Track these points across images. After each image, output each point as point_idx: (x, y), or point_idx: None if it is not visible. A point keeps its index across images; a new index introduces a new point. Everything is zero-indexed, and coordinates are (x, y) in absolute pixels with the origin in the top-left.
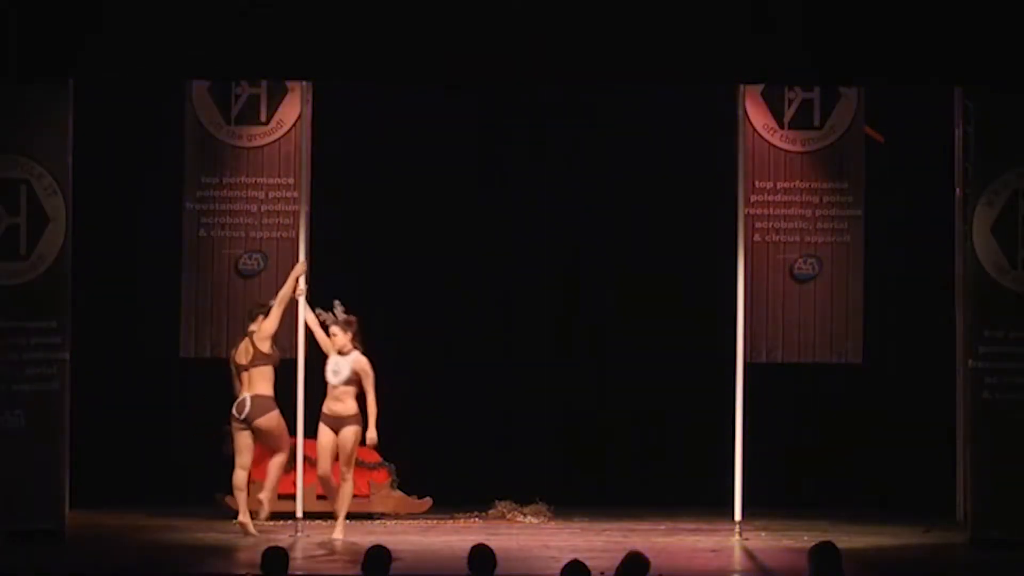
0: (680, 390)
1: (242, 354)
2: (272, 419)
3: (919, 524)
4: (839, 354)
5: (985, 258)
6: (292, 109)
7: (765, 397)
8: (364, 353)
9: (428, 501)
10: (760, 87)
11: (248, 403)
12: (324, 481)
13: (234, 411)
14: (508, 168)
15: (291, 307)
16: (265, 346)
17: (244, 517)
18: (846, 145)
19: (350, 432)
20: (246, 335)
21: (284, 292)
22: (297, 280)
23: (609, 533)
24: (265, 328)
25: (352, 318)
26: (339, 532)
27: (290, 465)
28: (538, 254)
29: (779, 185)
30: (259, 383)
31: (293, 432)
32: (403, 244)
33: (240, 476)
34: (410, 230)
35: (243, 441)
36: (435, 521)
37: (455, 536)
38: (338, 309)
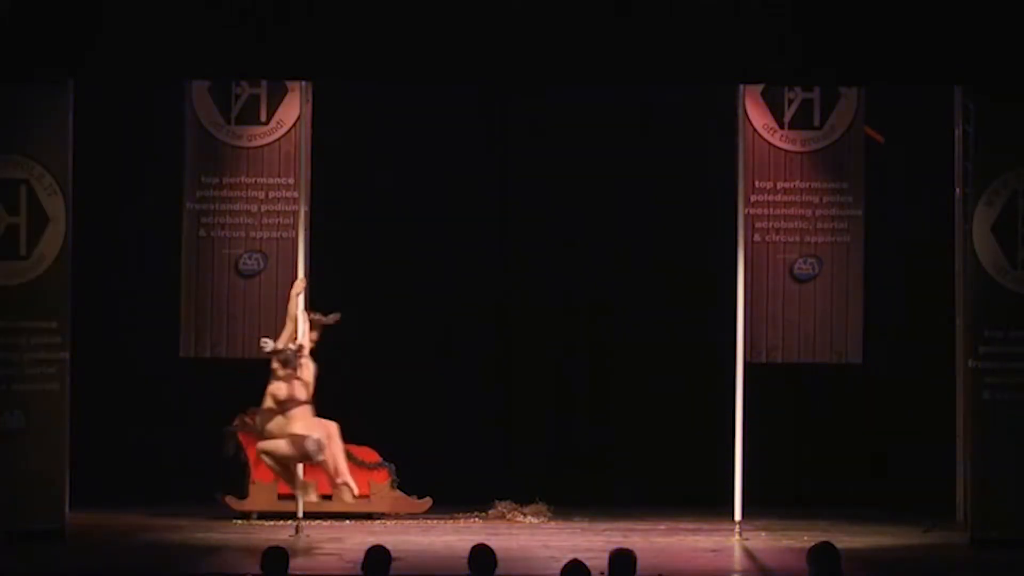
0: (680, 390)
1: (301, 390)
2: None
3: (919, 524)
4: (839, 354)
5: (985, 258)
6: (292, 109)
7: (765, 397)
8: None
9: (428, 501)
10: (760, 87)
11: (324, 446)
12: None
13: (313, 454)
14: (508, 167)
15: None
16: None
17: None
18: (846, 145)
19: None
20: (291, 376)
21: (290, 310)
22: (297, 295)
23: (609, 533)
24: (308, 375)
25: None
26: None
27: None
28: (538, 254)
29: (779, 185)
30: (314, 422)
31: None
32: (403, 244)
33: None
34: (410, 230)
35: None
36: (435, 521)
37: (455, 536)
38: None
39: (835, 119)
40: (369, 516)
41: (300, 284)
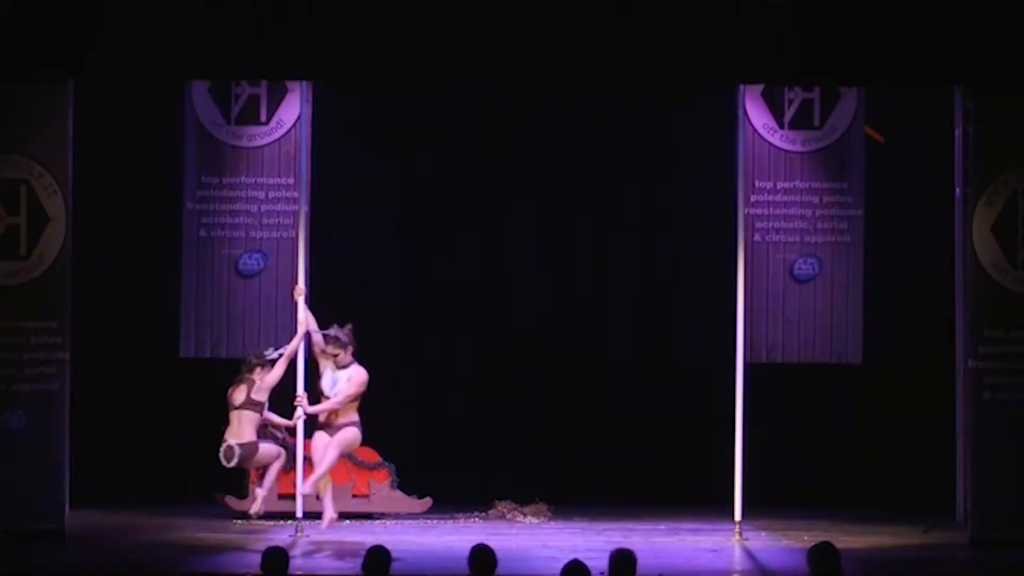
0: (680, 390)
1: (239, 394)
2: (260, 458)
3: (919, 524)
4: (839, 354)
5: (985, 258)
6: (292, 109)
7: (765, 397)
8: (358, 357)
9: (428, 501)
10: (760, 87)
11: (236, 452)
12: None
13: (222, 459)
14: (508, 167)
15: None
16: (261, 396)
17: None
18: (846, 145)
19: (348, 432)
20: (243, 380)
21: (292, 347)
22: (299, 299)
23: (609, 533)
24: (268, 380)
25: (345, 334)
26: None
27: (290, 465)
28: (538, 253)
29: (779, 185)
30: (246, 428)
31: (292, 433)
32: (403, 244)
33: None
34: (410, 230)
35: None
36: (435, 521)
37: (455, 536)
38: (332, 330)
39: (835, 119)
40: (369, 516)
41: (299, 290)
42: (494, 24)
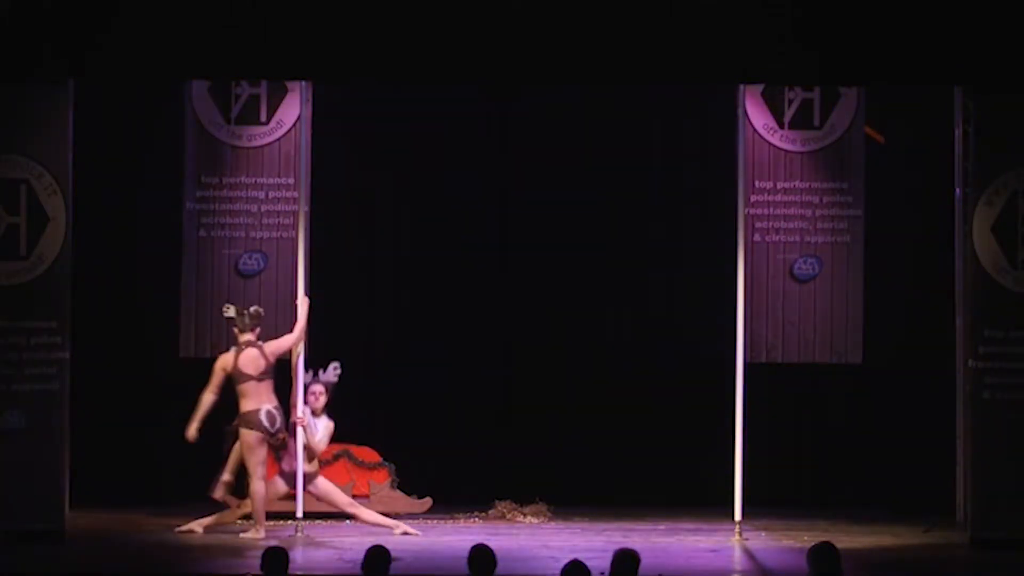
0: (680, 390)
1: (250, 364)
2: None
3: (919, 524)
4: (839, 354)
5: (985, 258)
6: (292, 109)
7: (765, 397)
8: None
9: (428, 501)
10: (760, 87)
11: (279, 417)
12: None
13: (266, 424)
14: (508, 167)
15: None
16: (273, 359)
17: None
18: (846, 145)
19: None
20: (241, 344)
21: (301, 328)
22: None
23: (609, 533)
24: (281, 345)
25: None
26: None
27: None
28: (538, 254)
29: (779, 185)
30: (270, 394)
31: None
32: (403, 244)
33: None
34: (410, 230)
35: (263, 454)
36: (435, 521)
37: (455, 536)
38: (332, 371)
39: (835, 119)
40: None
41: (302, 300)
42: (494, 24)
